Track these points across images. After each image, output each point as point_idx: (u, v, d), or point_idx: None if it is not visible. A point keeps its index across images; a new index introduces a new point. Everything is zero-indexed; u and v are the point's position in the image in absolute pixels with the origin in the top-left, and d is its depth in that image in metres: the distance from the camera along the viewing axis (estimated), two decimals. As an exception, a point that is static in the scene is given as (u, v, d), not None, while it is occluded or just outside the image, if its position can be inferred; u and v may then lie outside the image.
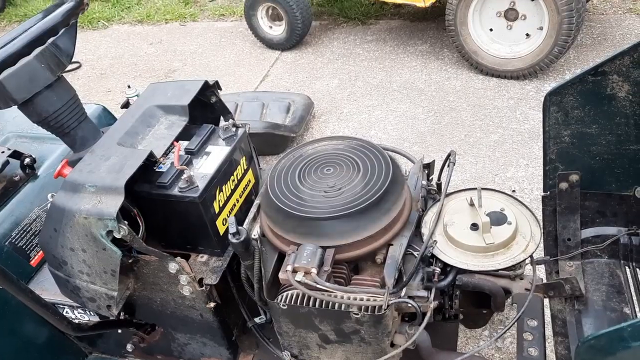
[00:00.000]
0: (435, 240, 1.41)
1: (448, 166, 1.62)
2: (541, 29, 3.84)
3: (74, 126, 1.66)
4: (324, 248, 1.37)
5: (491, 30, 4.06)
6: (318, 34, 5.21)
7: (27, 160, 2.02)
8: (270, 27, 4.98)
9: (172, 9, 6.23)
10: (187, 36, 5.69)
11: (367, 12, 5.35)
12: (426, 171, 1.72)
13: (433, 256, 1.41)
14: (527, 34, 3.95)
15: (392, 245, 1.43)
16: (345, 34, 5.14)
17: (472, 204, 1.48)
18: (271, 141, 3.57)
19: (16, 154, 2.01)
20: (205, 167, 1.57)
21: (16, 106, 1.55)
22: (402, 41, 4.85)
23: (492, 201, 1.50)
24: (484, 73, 4.18)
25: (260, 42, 5.11)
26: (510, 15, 3.95)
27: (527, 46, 3.96)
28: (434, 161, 1.76)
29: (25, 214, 1.95)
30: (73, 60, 1.62)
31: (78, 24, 1.63)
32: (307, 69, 4.71)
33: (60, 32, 1.54)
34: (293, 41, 4.90)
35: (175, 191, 1.50)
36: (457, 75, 4.26)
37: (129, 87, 2.12)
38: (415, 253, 1.42)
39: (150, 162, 1.54)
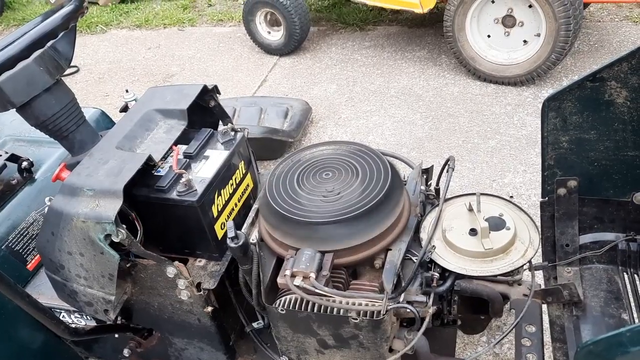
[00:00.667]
0: (433, 246, 1.41)
1: (447, 171, 1.62)
2: (538, 35, 3.86)
3: (72, 130, 1.65)
4: (323, 253, 1.37)
5: (489, 36, 4.08)
6: (316, 39, 5.22)
7: (24, 163, 2.01)
8: (269, 33, 4.99)
9: (170, 13, 6.24)
10: (186, 41, 5.70)
11: (365, 18, 5.37)
12: (425, 176, 1.72)
13: (432, 261, 1.41)
14: (525, 41, 3.97)
15: (390, 250, 1.43)
16: (343, 40, 5.16)
17: (470, 209, 1.48)
18: (269, 146, 3.57)
19: (13, 158, 2.01)
20: (203, 171, 1.57)
21: (14, 109, 1.55)
22: (400, 47, 4.87)
23: (491, 206, 1.51)
24: (481, 79, 4.19)
25: (258, 48, 5.12)
26: (508, 22, 3.97)
27: (525, 53, 3.98)
28: (432, 166, 1.76)
29: (22, 218, 1.94)
30: (71, 64, 1.62)
31: (77, 29, 1.63)
32: (305, 74, 4.72)
33: (60, 36, 1.54)
34: (291, 46, 4.91)
35: (174, 195, 1.49)
36: (454, 81, 4.28)
37: (127, 91, 2.12)
38: (413, 258, 1.41)
39: (149, 166, 1.54)
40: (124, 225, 1.41)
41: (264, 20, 4.93)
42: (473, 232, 1.42)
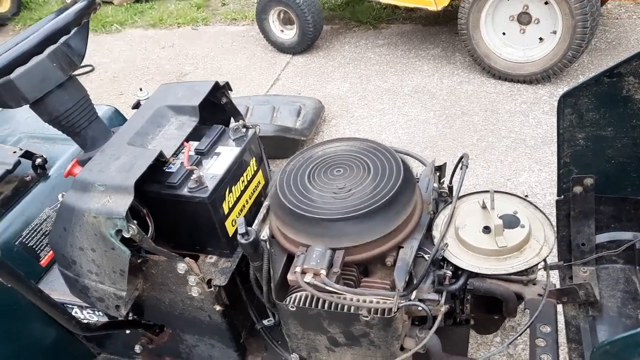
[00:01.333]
0: (446, 243, 1.39)
1: (460, 169, 1.60)
2: (555, 33, 3.80)
3: (84, 126, 1.66)
4: (333, 250, 1.35)
5: (504, 34, 4.03)
6: (329, 38, 5.21)
7: (38, 160, 2.03)
8: (282, 31, 4.99)
9: (184, 13, 6.27)
10: (199, 40, 5.72)
11: (379, 16, 5.34)
12: (438, 174, 1.70)
13: (444, 259, 1.39)
14: (541, 38, 3.91)
15: (402, 247, 1.41)
16: (356, 38, 5.14)
17: (484, 207, 1.45)
18: (282, 144, 3.57)
19: (28, 154, 2.02)
20: (214, 168, 1.56)
21: (27, 105, 1.56)
22: (413, 45, 4.83)
23: (505, 204, 1.48)
24: (496, 77, 4.15)
25: (271, 46, 5.12)
26: (524, 19, 3.92)
27: (541, 50, 3.92)
28: (445, 164, 1.74)
29: (35, 214, 1.95)
30: (86, 63, 1.63)
31: (92, 28, 1.64)
32: (318, 72, 4.71)
33: (72, 32, 1.54)
34: (304, 45, 4.90)
35: (185, 191, 1.49)
36: (469, 79, 4.24)
37: (140, 89, 2.12)
38: (426, 256, 1.40)
39: (160, 162, 1.54)
40: (135, 221, 1.42)
41: (277, 19, 4.92)
42: (487, 229, 1.40)
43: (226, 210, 1.56)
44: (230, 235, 1.59)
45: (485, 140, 3.60)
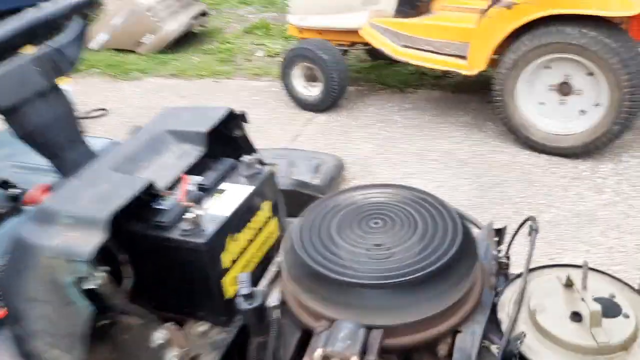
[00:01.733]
0: (524, 333, 1.02)
1: (529, 234, 1.25)
2: (598, 105, 3.54)
3: (65, 147, 1.36)
4: (368, 328, 0.99)
5: (542, 104, 3.78)
6: (354, 98, 5.01)
7: (12, 191, 1.72)
8: (305, 88, 4.82)
9: (208, 65, 6.19)
10: (220, 92, 5.58)
11: (406, 81, 5.17)
12: (496, 239, 1.35)
13: (519, 354, 1.01)
14: (582, 110, 3.65)
15: (460, 332, 1.04)
16: (382, 101, 4.93)
17: (568, 285, 1.09)
18: (298, 201, 3.22)
19: (4, 185, 1.72)
20: (217, 208, 1.23)
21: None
22: (442, 111, 4.61)
23: (592, 284, 1.12)
24: (532, 149, 3.85)
25: (293, 102, 4.93)
26: (564, 89, 3.68)
27: (582, 123, 3.65)
28: (505, 227, 1.40)
29: None
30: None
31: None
32: (340, 131, 4.48)
33: (63, 32, 1.28)
34: (327, 103, 4.71)
35: (176, 234, 1.15)
36: (502, 148, 3.95)
37: None
38: (493, 347, 1.02)
39: (150, 195, 1.21)
40: (107, 267, 1.07)
41: (302, 75, 4.77)
42: (576, 316, 1.03)
43: (226, 264, 1.21)
44: (228, 298, 1.23)
45: (522, 213, 3.24)
